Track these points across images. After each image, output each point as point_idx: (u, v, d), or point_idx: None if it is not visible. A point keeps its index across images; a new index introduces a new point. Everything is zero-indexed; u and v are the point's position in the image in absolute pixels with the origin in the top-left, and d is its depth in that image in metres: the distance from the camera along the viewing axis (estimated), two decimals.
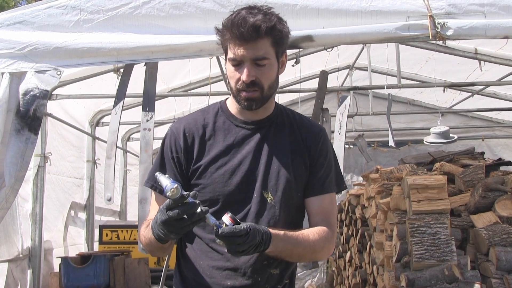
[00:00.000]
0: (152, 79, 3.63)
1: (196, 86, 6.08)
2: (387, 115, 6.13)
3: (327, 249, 2.04)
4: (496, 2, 2.93)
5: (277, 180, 1.98)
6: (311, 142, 2.06)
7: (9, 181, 2.96)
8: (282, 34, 1.95)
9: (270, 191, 1.98)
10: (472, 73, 6.32)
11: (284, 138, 2.05)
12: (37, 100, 2.98)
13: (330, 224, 2.04)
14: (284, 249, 1.89)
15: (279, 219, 1.97)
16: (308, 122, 2.14)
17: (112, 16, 3.00)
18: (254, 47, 1.88)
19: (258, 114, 2.04)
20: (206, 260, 1.98)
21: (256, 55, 1.88)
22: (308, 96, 7.79)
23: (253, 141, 2.01)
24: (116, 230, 5.88)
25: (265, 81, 1.93)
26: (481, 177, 4.24)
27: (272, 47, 1.92)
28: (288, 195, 1.99)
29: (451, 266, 3.51)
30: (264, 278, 1.96)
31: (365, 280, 5.32)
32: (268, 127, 2.05)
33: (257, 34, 1.86)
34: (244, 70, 1.89)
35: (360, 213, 5.53)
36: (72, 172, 5.97)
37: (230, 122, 2.05)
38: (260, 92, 1.93)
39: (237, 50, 1.88)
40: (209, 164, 1.98)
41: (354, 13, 2.96)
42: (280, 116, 2.09)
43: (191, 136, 2.03)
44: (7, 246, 4.33)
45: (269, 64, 1.93)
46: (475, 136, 8.78)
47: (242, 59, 1.89)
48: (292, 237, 1.91)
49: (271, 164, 1.99)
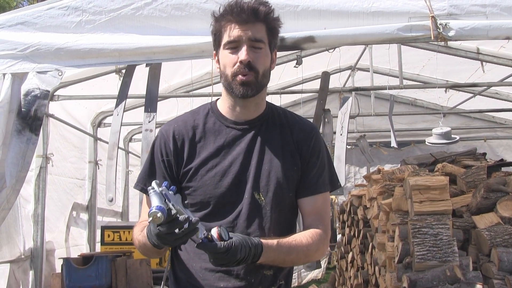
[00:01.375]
0: (155, 80, 3.63)
1: (198, 87, 6.08)
2: (389, 116, 6.14)
3: (321, 251, 2.03)
4: (498, 3, 2.92)
5: (268, 180, 1.96)
6: (302, 141, 2.04)
7: (10, 181, 2.96)
8: (276, 24, 1.98)
9: (261, 192, 1.96)
10: (474, 73, 6.32)
11: (275, 138, 2.03)
12: (38, 100, 2.98)
13: (323, 224, 2.03)
14: (277, 258, 1.87)
15: (271, 220, 1.96)
16: (300, 121, 2.11)
17: (114, 17, 3.01)
18: (251, 28, 1.89)
19: (250, 112, 2.02)
20: (199, 262, 1.97)
21: (254, 36, 1.89)
22: (310, 97, 7.79)
23: (243, 142, 2.00)
24: (118, 231, 5.88)
25: (260, 66, 1.92)
26: (483, 178, 4.24)
27: (266, 35, 1.93)
28: (280, 195, 1.97)
29: (453, 267, 3.50)
30: (257, 280, 1.94)
31: (367, 281, 5.32)
32: (259, 127, 2.03)
33: (255, 16, 1.88)
34: (243, 50, 1.88)
35: (362, 214, 5.54)
36: (74, 173, 5.97)
37: (220, 123, 2.03)
38: (255, 76, 1.91)
39: (234, 31, 1.89)
40: (199, 166, 1.97)
41: (355, 14, 2.96)
42: (271, 115, 2.07)
43: (181, 139, 2.01)
44: (9, 247, 4.33)
45: (264, 50, 1.93)
46: (477, 137, 8.77)
47: (239, 40, 1.89)
48: (285, 246, 1.89)
49: (262, 165, 1.98)
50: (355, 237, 5.89)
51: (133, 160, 7.72)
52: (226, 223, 1.91)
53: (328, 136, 4.65)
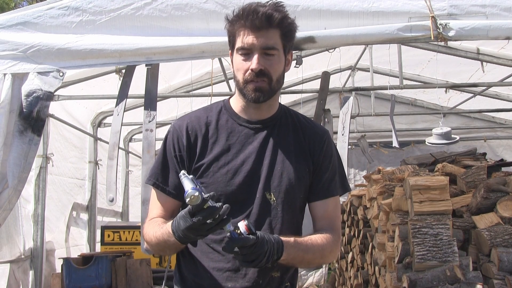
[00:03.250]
0: (153, 80, 3.63)
1: (198, 87, 6.08)
2: (390, 116, 6.14)
3: (334, 254, 2.04)
4: (498, 3, 2.93)
5: (280, 181, 1.96)
6: (315, 145, 2.04)
7: (12, 182, 2.96)
8: (292, 28, 1.96)
9: (272, 192, 1.96)
10: (474, 73, 6.32)
11: (287, 139, 2.03)
12: (40, 101, 2.98)
13: (335, 228, 2.03)
14: (296, 256, 1.87)
15: (282, 220, 1.96)
16: (312, 124, 2.12)
17: (114, 17, 3.01)
18: (265, 35, 1.87)
19: (262, 113, 2.02)
20: (206, 261, 1.96)
21: (266, 44, 1.88)
22: (310, 97, 7.79)
23: (256, 141, 1.99)
24: (118, 231, 5.89)
25: (274, 73, 1.92)
26: (483, 178, 4.24)
27: (281, 40, 1.92)
28: (291, 196, 1.97)
29: (453, 267, 3.50)
30: (265, 281, 1.94)
31: (367, 281, 5.32)
32: (272, 127, 2.03)
33: (268, 23, 1.86)
34: (254, 58, 1.88)
35: (362, 214, 5.53)
36: (74, 173, 5.97)
37: (233, 120, 2.03)
38: (268, 82, 1.91)
39: (247, 38, 1.88)
40: (211, 162, 1.96)
41: (356, 14, 2.96)
42: (284, 116, 2.07)
43: (194, 134, 2.01)
44: (9, 247, 4.34)
45: (277, 56, 1.92)
46: (477, 137, 8.77)
47: (251, 47, 1.88)
48: (303, 244, 1.89)
49: (275, 165, 1.97)
50: (355, 237, 5.89)
51: (134, 160, 7.72)
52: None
53: None
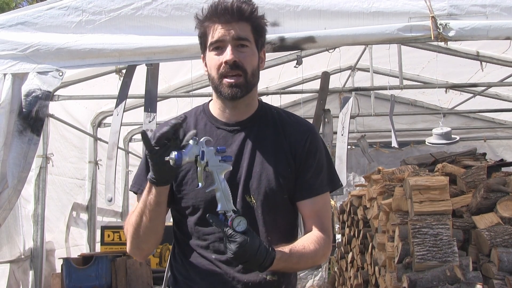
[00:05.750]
0: (153, 80, 3.63)
1: (198, 87, 6.08)
2: (390, 116, 6.14)
3: (326, 256, 2.00)
4: (498, 3, 2.92)
5: (259, 183, 1.91)
6: (296, 142, 1.98)
7: (11, 182, 2.96)
8: (261, 22, 1.93)
9: (252, 194, 1.91)
10: (474, 74, 6.33)
11: (267, 138, 1.97)
12: (39, 101, 2.98)
13: (325, 227, 1.98)
14: (286, 267, 1.83)
15: (264, 222, 1.91)
16: (295, 122, 2.04)
17: (114, 17, 3.01)
18: (235, 27, 1.85)
19: (240, 114, 1.97)
20: (196, 266, 1.93)
21: (238, 34, 1.85)
22: (310, 97, 7.79)
23: (235, 144, 1.95)
24: (118, 231, 5.88)
25: (248, 65, 1.87)
26: (483, 178, 4.23)
27: (252, 34, 1.89)
28: (271, 198, 1.92)
29: (453, 267, 3.50)
30: (257, 286, 1.90)
31: (367, 281, 5.31)
32: (250, 128, 1.97)
33: (238, 15, 1.85)
34: (227, 50, 1.85)
35: (362, 214, 5.53)
36: (74, 173, 5.97)
37: (211, 124, 1.99)
38: (244, 76, 1.87)
39: (218, 31, 1.85)
40: (190, 168, 1.92)
41: (356, 14, 2.96)
42: (264, 115, 2.02)
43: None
44: (9, 247, 4.34)
45: (250, 49, 1.89)
46: (477, 137, 8.78)
47: (224, 39, 1.85)
48: (296, 255, 1.85)
49: (253, 167, 1.92)
50: (355, 237, 5.88)
51: (133, 160, 7.72)
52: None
53: (328, 136, 4.66)
